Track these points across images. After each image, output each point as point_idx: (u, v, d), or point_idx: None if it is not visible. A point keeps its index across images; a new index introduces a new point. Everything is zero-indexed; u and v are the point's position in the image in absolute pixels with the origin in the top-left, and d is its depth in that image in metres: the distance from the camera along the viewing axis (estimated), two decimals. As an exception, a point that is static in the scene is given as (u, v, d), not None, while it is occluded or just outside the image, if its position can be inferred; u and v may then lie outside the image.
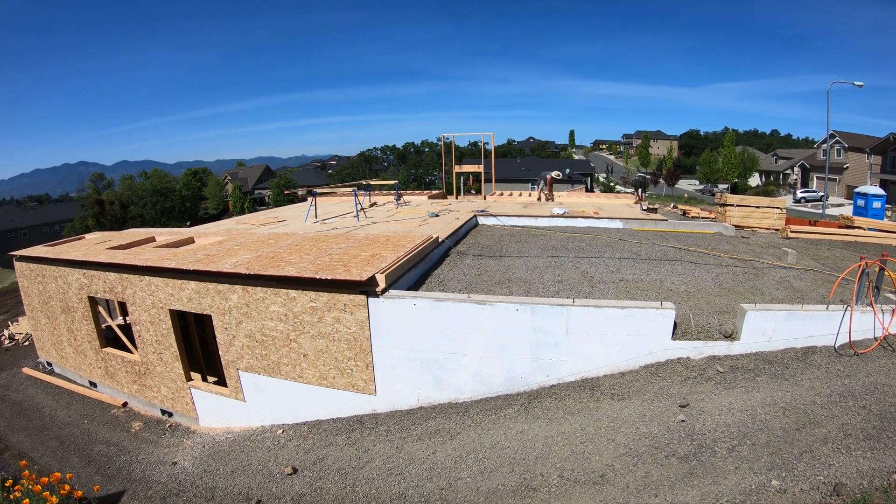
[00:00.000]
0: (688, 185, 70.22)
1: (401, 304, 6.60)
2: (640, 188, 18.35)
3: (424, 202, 17.51)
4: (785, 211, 13.23)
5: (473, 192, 29.12)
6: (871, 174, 43.16)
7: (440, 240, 9.54)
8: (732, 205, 13.24)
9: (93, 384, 9.96)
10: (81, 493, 5.81)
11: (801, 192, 47.80)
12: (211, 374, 9.40)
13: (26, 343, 13.12)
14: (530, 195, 21.04)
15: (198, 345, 9.90)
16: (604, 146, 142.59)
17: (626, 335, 6.37)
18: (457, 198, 20.48)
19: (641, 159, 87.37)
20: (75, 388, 10.10)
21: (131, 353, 9.05)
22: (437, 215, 13.36)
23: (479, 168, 20.76)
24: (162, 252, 8.81)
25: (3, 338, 13.76)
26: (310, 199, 13.82)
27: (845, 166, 47.61)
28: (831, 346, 6.46)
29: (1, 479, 5.51)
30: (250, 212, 50.56)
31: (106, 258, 8.58)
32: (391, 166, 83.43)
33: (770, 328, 6.39)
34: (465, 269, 8.60)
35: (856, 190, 24.28)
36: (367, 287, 6.54)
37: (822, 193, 37.89)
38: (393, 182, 18.64)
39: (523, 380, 6.66)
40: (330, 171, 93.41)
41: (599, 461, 5.10)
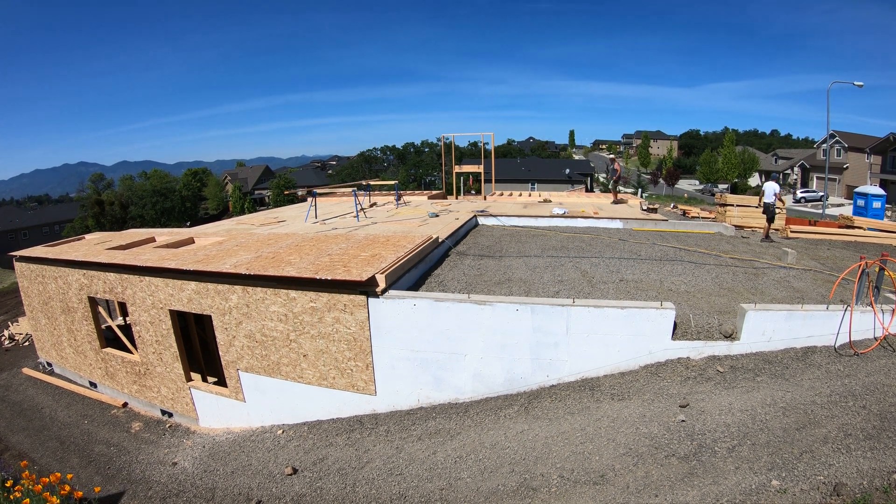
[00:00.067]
0: (688, 185, 70.22)
1: (401, 305, 6.60)
2: (614, 183, 17.95)
3: (424, 202, 17.51)
4: (785, 211, 13.24)
5: (473, 192, 29.11)
6: (871, 174, 43.16)
7: (440, 240, 9.54)
8: (732, 205, 13.26)
9: (93, 384, 9.96)
10: (81, 494, 5.81)
11: (801, 192, 47.81)
12: (211, 374, 9.39)
13: (26, 343, 13.12)
14: (530, 195, 21.04)
15: (198, 345, 9.90)
16: (604, 146, 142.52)
17: (626, 335, 6.37)
18: (457, 198, 20.48)
19: (641, 159, 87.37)
20: (75, 388, 10.10)
21: (131, 353, 9.05)
22: (437, 215, 13.37)
23: (479, 168, 20.77)
24: (162, 252, 8.81)
25: (3, 338, 13.76)
26: (310, 199, 13.83)
27: (845, 166, 47.61)
28: (831, 346, 6.46)
29: (1, 479, 5.51)
30: (250, 212, 50.58)
31: (106, 258, 8.58)
32: (391, 166, 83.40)
33: (770, 328, 6.39)
34: (465, 270, 8.60)
35: (856, 190, 24.28)
36: (367, 287, 6.54)
37: (822, 193, 37.89)
38: (393, 182, 18.66)
39: (523, 380, 6.65)
40: (330, 172, 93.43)
41: (599, 461, 5.10)
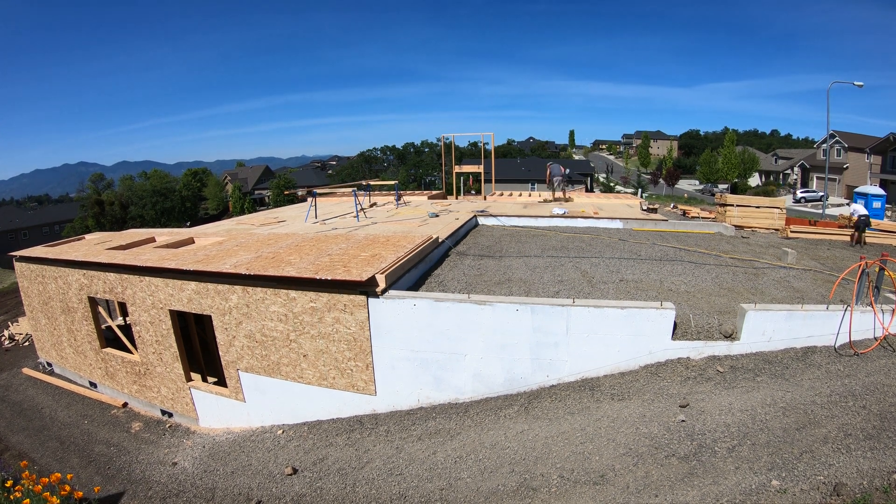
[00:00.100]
0: (688, 185, 70.19)
1: (401, 305, 6.60)
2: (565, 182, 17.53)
3: (424, 202, 17.51)
4: (785, 211, 13.24)
5: (473, 192, 29.11)
6: (871, 174, 43.15)
7: (440, 240, 9.54)
8: (732, 205, 13.26)
9: (93, 384, 9.96)
10: (82, 494, 5.81)
11: (801, 192, 47.78)
12: (211, 374, 9.39)
13: (26, 343, 13.12)
14: (530, 195, 21.03)
15: (198, 345, 9.90)
16: (604, 146, 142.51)
17: (626, 335, 6.37)
18: (457, 198, 20.47)
19: (641, 159, 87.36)
20: (75, 388, 10.10)
21: (131, 353, 9.05)
22: (437, 216, 13.37)
23: (479, 168, 20.77)
24: (162, 252, 8.81)
25: (3, 338, 13.76)
26: (310, 199, 13.83)
27: (845, 166, 47.60)
28: (831, 346, 6.46)
29: (1, 479, 5.51)
30: (250, 212, 50.57)
31: (106, 259, 8.58)
32: (391, 166, 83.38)
33: (770, 328, 6.39)
34: (465, 270, 8.60)
35: (856, 190, 24.29)
36: (367, 287, 6.54)
37: (822, 193, 37.88)
38: (393, 182, 18.65)
39: (523, 380, 6.65)
40: (330, 172, 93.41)
41: (599, 461, 5.10)
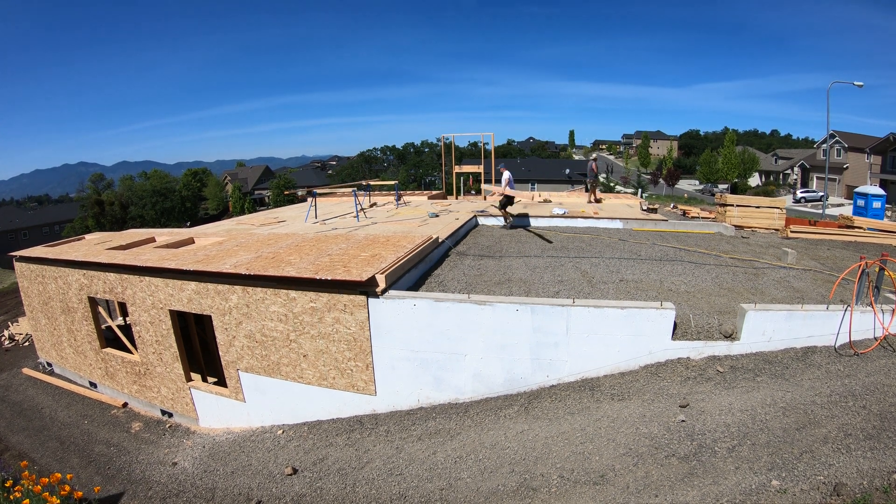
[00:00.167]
0: (688, 185, 70.22)
1: (401, 305, 6.60)
2: (590, 182, 17.54)
3: (424, 202, 17.51)
4: (785, 211, 13.24)
5: (473, 192, 29.10)
6: (871, 174, 43.17)
7: (440, 240, 9.54)
8: (732, 205, 13.24)
9: (93, 385, 9.96)
10: (81, 494, 5.81)
11: (801, 192, 47.82)
12: (211, 374, 9.39)
13: (26, 343, 13.12)
14: (531, 197, 21.01)
15: (198, 345, 9.90)
16: (604, 146, 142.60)
17: (626, 335, 6.37)
18: (457, 198, 20.47)
19: (641, 159, 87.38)
20: (75, 388, 10.10)
21: (131, 353, 9.05)
22: (437, 216, 13.36)
23: (479, 168, 20.75)
24: (162, 252, 8.81)
25: (3, 338, 13.76)
26: (310, 199, 13.83)
27: (845, 166, 47.62)
28: (831, 346, 6.46)
29: (1, 479, 5.51)
30: (250, 212, 50.58)
31: (106, 259, 8.58)
32: (391, 167, 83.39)
33: (770, 328, 6.39)
34: (465, 270, 8.60)
35: (856, 190, 24.26)
36: (367, 287, 6.54)
37: (822, 193, 37.89)
38: (393, 182, 18.65)
39: (523, 380, 6.65)
40: (330, 172, 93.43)
41: (600, 461, 5.10)
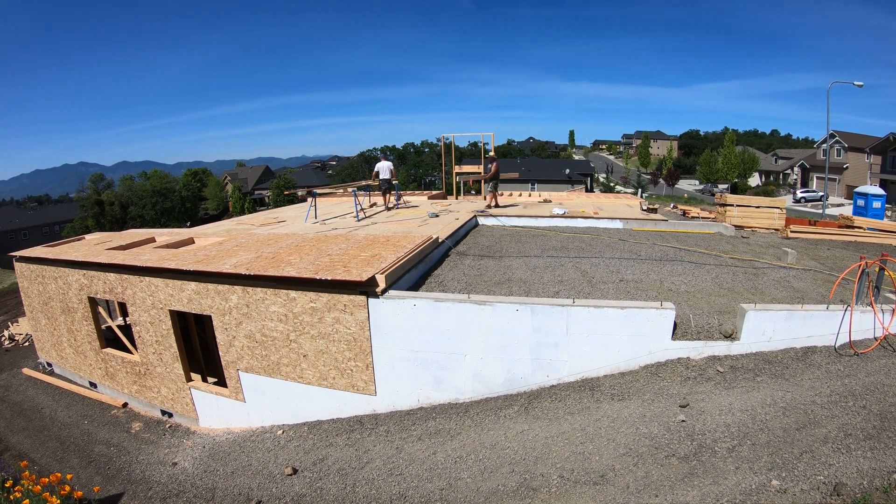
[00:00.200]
0: (688, 185, 70.23)
1: (401, 305, 6.60)
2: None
3: (424, 202, 17.51)
4: (785, 211, 13.23)
5: (473, 192, 29.09)
6: (871, 174, 43.17)
7: (440, 240, 9.54)
8: (732, 205, 13.24)
9: (93, 385, 9.96)
10: (81, 494, 5.81)
11: (801, 192, 47.82)
12: (211, 374, 9.39)
13: (26, 344, 13.12)
14: (531, 195, 21.03)
15: (198, 345, 9.90)
16: (604, 146, 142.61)
17: (626, 335, 6.37)
18: (456, 198, 20.47)
19: (641, 159, 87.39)
20: (75, 388, 10.10)
21: (131, 353, 9.05)
22: (437, 216, 13.36)
23: (479, 168, 20.74)
24: (162, 253, 8.81)
25: (3, 338, 13.76)
26: (310, 199, 13.82)
27: (845, 166, 47.62)
28: (831, 346, 6.46)
29: (1, 479, 5.51)
30: (250, 212, 50.57)
31: (106, 259, 8.58)
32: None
33: (770, 328, 6.39)
34: (465, 270, 8.60)
35: (856, 190, 24.26)
36: (367, 287, 6.54)
37: (822, 193, 37.89)
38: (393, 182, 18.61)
39: (523, 380, 6.65)
40: (330, 172, 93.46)
41: (600, 461, 5.09)
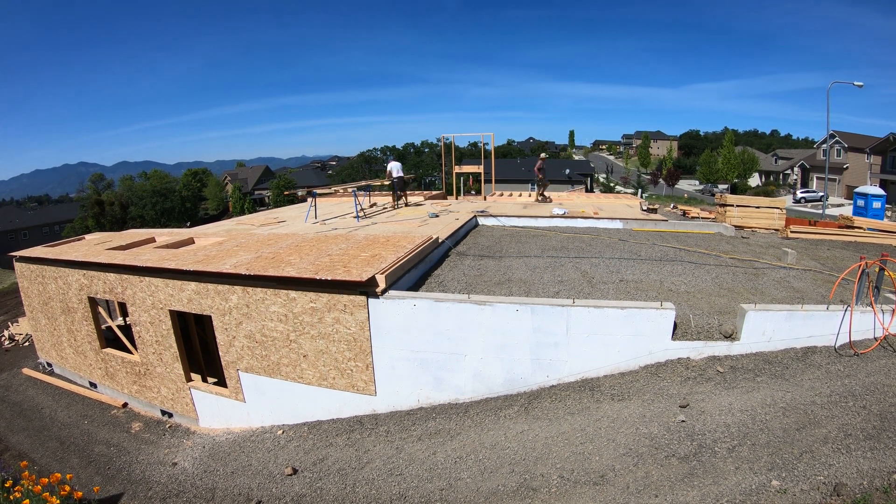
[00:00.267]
0: (688, 185, 70.25)
1: (401, 305, 6.60)
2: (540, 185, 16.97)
3: (424, 202, 17.51)
4: (785, 211, 13.23)
5: (473, 192, 29.10)
6: (871, 174, 43.19)
7: (440, 240, 9.54)
8: (732, 205, 13.24)
9: (93, 385, 9.96)
10: (81, 494, 5.81)
11: (801, 193, 47.84)
12: (211, 374, 9.39)
13: (26, 344, 13.12)
14: (530, 195, 21.04)
15: (198, 345, 9.90)
16: (604, 146, 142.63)
17: (626, 335, 6.37)
18: (457, 198, 20.48)
19: (641, 159, 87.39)
20: (75, 388, 10.10)
21: (131, 353, 9.05)
22: (437, 216, 13.36)
23: (479, 168, 20.76)
24: (162, 253, 8.80)
25: (3, 338, 13.76)
26: (310, 199, 13.82)
27: (845, 166, 47.63)
28: (831, 347, 6.46)
29: (1, 479, 5.51)
30: (250, 212, 50.57)
31: (106, 259, 8.57)
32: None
33: (770, 328, 6.39)
34: (465, 270, 8.60)
35: (856, 190, 24.26)
36: (367, 287, 6.54)
37: (822, 193, 37.90)
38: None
39: (523, 380, 6.65)
40: (330, 172, 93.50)
41: (600, 461, 5.09)
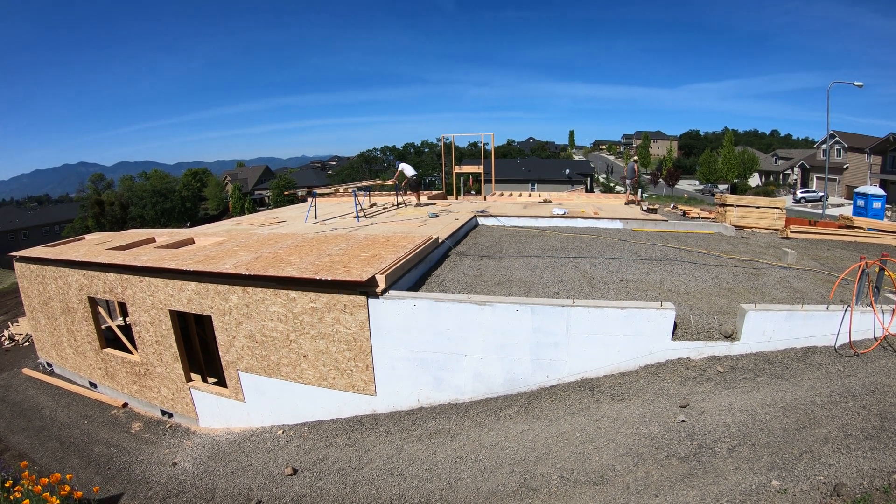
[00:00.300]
0: (688, 185, 70.31)
1: (401, 305, 6.60)
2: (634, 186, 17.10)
3: (424, 202, 17.50)
4: (785, 211, 13.23)
5: (473, 192, 29.10)
6: (871, 174, 43.21)
7: (440, 240, 9.54)
8: (732, 205, 13.23)
9: (93, 385, 9.96)
10: (81, 494, 5.81)
11: (801, 193, 47.87)
12: (211, 374, 9.39)
13: (26, 344, 13.12)
14: (530, 195, 21.05)
15: (198, 345, 9.90)
16: (604, 146, 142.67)
17: (626, 335, 6.37)
18: (457, 198, 20.47)
19: (641, 160, 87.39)
20: (75, 388, 10.10)
21: (131, 353, 9.05)
22: (437, 216, 13.36)
23: (479, 168, 20.77)
24: (162, 253, 8.80)
25: (3, 338, 13.75)
26: (310, 199, 13.82)
27: (845, 166, 47.65)
28: (831, 347, 6.46)
29: (1, 479, 5.51)
30: (250, 212, 50.57)
31: (106, 259, 8.57)
32: (391, 167, 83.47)
33: (770, 328, 6.39)
34: (465, 270, 8.60)
35: (856, 190, 24.26)
36: (367, 288, 6.53)
37: (822, 193, 37.89)
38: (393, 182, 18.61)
39: (523, 380, 6.65)
40: (330, 172, 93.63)
41: (600, 461, 5.09)
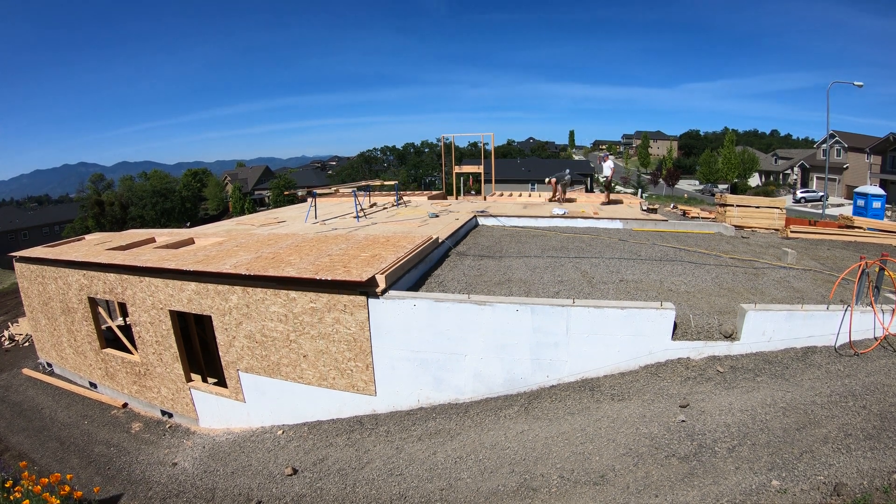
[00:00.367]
0: (688, 185, 70.29)
1: (401, 305, 6.60)
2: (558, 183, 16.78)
3: (424, 203, 17.50)
4: (785, 211, 13.22)
5: (473, 192, 29.10)
6: (871, 174, 43.21)
7: (440, 240, 9.54)
8: (732, 205, 13.23)
9: (93, 385, 9.96)
10: (81, 494, 5.80)
11: (801, 192, 47.87)
12: (211, 374, 9.39)
13: (26, 344, 13.12)
14: (530, 195, 21.04)
15: (198, 345, 9.90)
16: (604, 146, 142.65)
17: (626, 335, 6.37)
18: (457, 198, 20.46)
19: (641, 160, 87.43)
20: (75, 388, 10.10)
21: (131, 353, 9.05)
22: (437, 216, 13.36)
23: (479, 168, 20.76)
24: (162, 253, 8.81)
25: (3, 339, 13.75)
26: (310, 199, 13.83)
27: (845, 166, 47.66)
28: (831, 346, 6.46)
29: (1, 479, 5.51)
30: (250, 212, 50.57)
31: (106, 259, 8.57)
32: (391, 167, 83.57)
33: (770, 328, 6.39)
34: (465, 270, 8.60)
35: (856, 190, 24.27)
36: (367, 288, 6.54)
37: (822, 193, 37.90)
38: (393, 182, 18.65)
39: (523, 380, 6.65)
40: (330, 172, 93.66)
41: (600, 461, 5.09)
